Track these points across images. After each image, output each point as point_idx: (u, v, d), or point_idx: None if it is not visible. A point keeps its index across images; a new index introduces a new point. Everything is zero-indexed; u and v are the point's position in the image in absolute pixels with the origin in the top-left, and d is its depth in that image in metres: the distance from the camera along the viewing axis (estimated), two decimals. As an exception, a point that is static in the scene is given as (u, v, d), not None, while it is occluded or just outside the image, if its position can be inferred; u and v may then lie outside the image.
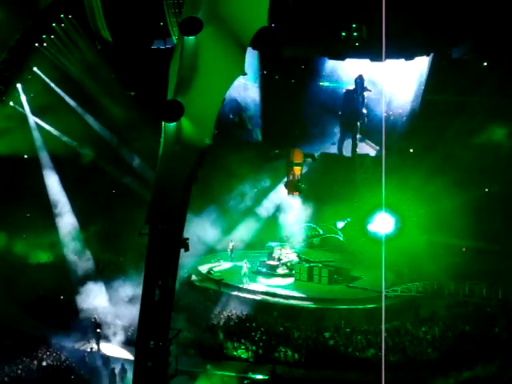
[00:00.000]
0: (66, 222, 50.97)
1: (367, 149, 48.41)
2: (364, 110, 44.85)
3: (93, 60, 53.20)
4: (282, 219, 52.70)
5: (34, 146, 52.72)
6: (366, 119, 45.27)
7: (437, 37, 44.14)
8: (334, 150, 46.78)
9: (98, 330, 38.00)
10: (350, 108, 44.79)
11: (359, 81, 43.85)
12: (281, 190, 52.13)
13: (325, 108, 45.08)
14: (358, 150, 46.86)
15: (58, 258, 50.66)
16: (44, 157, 52.73)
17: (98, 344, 38.21)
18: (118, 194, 57.79)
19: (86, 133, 53.78)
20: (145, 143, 47.36)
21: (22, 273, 47.10)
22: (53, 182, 52.25)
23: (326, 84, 44.72)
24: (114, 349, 38.21)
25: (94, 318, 39.41)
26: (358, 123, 45.29)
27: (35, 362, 35.71)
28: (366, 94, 44.48)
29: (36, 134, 52.95)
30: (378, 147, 45.65)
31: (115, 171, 55.60)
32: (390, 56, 39.39)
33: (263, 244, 52.32)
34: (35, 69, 51.39)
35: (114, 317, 39.92)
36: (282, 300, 44.24)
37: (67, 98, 53.74)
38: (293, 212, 52.27)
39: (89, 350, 37.77)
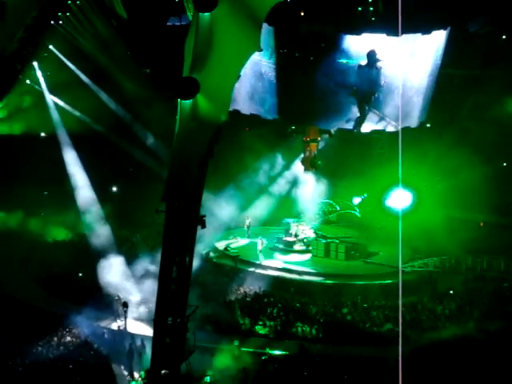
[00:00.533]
0: (85, 199, 51.20)
1: (385, 125, 48.16)
2: (382, 83, 44.49)
3: (108, 37, 53.11)
4: (298, 195, 52.66)
5: (51, 124, 52.90)
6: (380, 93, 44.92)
7: (453, 10, 43.72)
8: (350, 126, 46.49)
9: (125, 309, 38.02)
10: (365, 83, 44.44)
11: (372, 54, 43.45)
12: (297, 166, 52.05)
13: (341, 84, 44.78)
14: (370, 124, 46.45)
15: (77, 235, 51.03)
16: (61, 134, 52.89)
17: (125, 322, 38.24)
18: (134, 171, 57.94)
19: (101, 110, 53.84)
20: (160, 120, 47.51)
21: (40, 250, 47.29)
22: (70, 159, 52.43)
23: (343, 60, 44.37)
24: (134, 325, 38.40)
25: (118, 296, 39.49)
26: (373, 97, 44.94)
27: (55, 339, 35.98)
28: (379, 64, 44.06)
29: (53, 112, 53.13)
30: (394, 123, 45.33)
31: (131, 149, 55.71)
32: (406, 31, 39.10)
33: (280, 220, 52.36)
34: (51, 47, 51.40)
35: (133, 293, 40.13)
36: (298, 276, 44.36)
37: (83, 76, 53.79)
38: (309, 188, 52.22)
39: (115, 327, 37.88)
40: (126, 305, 37.75)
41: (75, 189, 51.12)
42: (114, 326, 38.27)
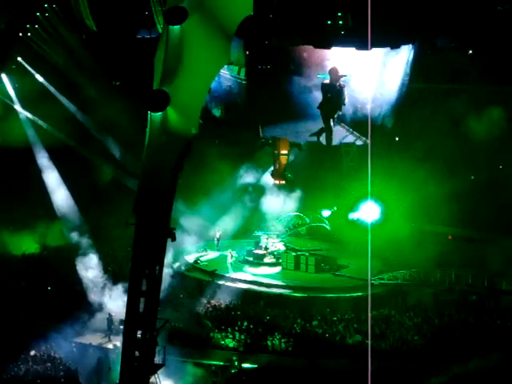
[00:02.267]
0: (56, 211, 51.00)
1: (353, 138, 48.42)
2: (345, 99, 44.74)
3: (77, 49, 52.93)
4: (268, 208, 52.65)
5: (20, 136, 52.51)
6: (342, 109, 45.19)
7: (421, 26, 44.17)
8: (319, 139, 46.73)
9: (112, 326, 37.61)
10: (328, 99, 44.72)
11: (334, 72, 43.79)
12: (267, 179, 52.08)
13: (309, 98, 45.03)
14: (339, 137, 46.75)
15: (45, 248, 50.61)
16: (33, 146, 52.68)
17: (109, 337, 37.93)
18: (103, 184, 57.61)
19: (70, 122, 53.56)
20: (130, 133, 47.31)
21: (8, 264, 46.83)
22: (46, 172, 52.31)
23: (313, 74, 44.59)
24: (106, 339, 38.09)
25: (109, 314, 38.99)
26: (337, 113, 45.22)
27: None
28: (342, 82, 44.39)
29: (23, 124, 52.82)
30: (364, 137, 45.66)
31: (100, 162, 55.44)
32: (375, 44, 39.40)
33: (250, 233, 52.32)
34: (20, 59, 51.10)
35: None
36: (268, 289, 44.29)
37: (51, 88, 53.50)
38: (279, 201, 52.25)
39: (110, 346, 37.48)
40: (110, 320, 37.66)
41: (47, 201, 50.91)
42: (109, 344, 37.75)
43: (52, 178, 52.98)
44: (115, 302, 39.38)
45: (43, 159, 53.30)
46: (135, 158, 48.23)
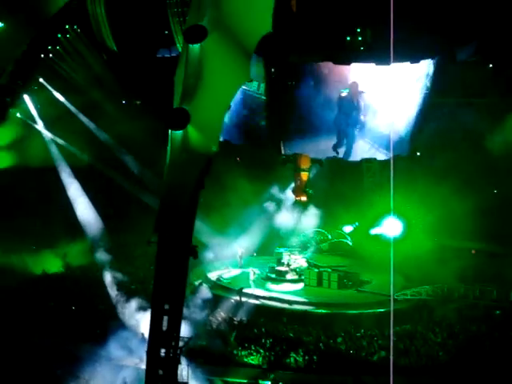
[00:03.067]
0: (81, 230, 51.37)
1: (376, 153, 48.33)
2: (362, 117, 44.69)
3: (98, 70, 53.35)
4: (289, 225, 52.61)
5: (43, 156, 52.98)
6: (362, 124, 45.08)
7: (442, 39, 44.06)
8: (340, 155, 46.67)
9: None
10: (345, 114, 44.73)
11: (353, 86, 43.75)
12: (289, 195, 52.08)
13: (331, 115, 45.03)
14: (361, 152, 46.62)
15: (69, 268, 50.88)
16: (57, 166, 53.19)
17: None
18: (125, 203, 57.86)
19: (92, 142, 54.02)
20: (151, 152, 47.55)
21: (32, 284, 47.07)
22: (69, 190, 52.75)
23: (333, 90, 44.61)
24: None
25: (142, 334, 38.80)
26: (355, 128, 45.13)
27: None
28: (361, 100, 44.40)
29: (46, 144, 53.35)
30: (385, 151, 45.49)
31: (123, 181, 55.75)
32: (395, 60, 39.30)
33: (272, 250, 52.28)
34: (41, 80, 51.58)
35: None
36: (291, 306, 44.18)
37: (73, 109, 53.96)
38: (301, 217, 52.21)
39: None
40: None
41: (70, 219, 51.24)
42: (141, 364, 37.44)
43: (75, 196, 53.41)
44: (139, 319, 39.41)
45: (66, 178, 53.74)
46: (156, 177, 48.53)
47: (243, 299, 44.43)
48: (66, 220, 52.72)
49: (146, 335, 35.79)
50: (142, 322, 37.75)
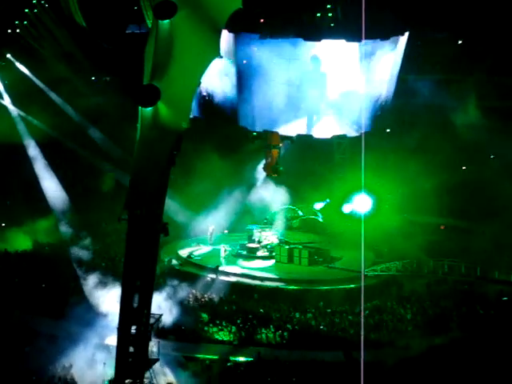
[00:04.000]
0: (49, 207, 51.01)
1: (346, 129, 48.42)
2: (327, 88, 44.60)
3: (67, 45, 52.83)
4: (260, 202, 52.67)
5: (11, 132, 52.45)
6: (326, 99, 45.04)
7: (411, 16, 44.19)
8: (309, 131, 46.67)
9: None
10: (311, 88, 44.66)
11: (314, 59, 43.66)
12: (259, 172, 52.07)
13: (300, 91, 44.97)
14: (331, 129, 46.66)
15: (38, 245, 50.57)
16: (25, 143, 52.71)
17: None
18: (94, 180, 57.55)
19: (60, 118, 53.56)
20: (122, 129, 47.28)
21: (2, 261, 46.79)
22: (37, 167, 52.33)
23: (302, 66, 44.50)
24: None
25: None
26: (321, 102, 45.10)
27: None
28: (323, 69, 44.31)
29: (14, 121, 52.83)
30: (355, 126, 45.58)
31: (91, 157, 55.41)
32: (365, 36, 39.34)
33: (243, 227, 52.34)
34: (9, 55, 50.97)
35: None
36: (262, 282, 44.35)
37: (41, 85, 53.42)
38: (271, 194, 52.27)
39: None
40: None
41: (39, 197, 50.88)
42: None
43: (43, 173, 52.99)
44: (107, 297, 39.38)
45: (34, 155, 53.31)
46: (126, 153, 48.27)
47: (213, 276, 44.49)
48: (35, 197, 52.38)
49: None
50: (109, 299, 37.71)
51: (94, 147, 55.82)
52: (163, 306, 36.70)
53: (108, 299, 38.40)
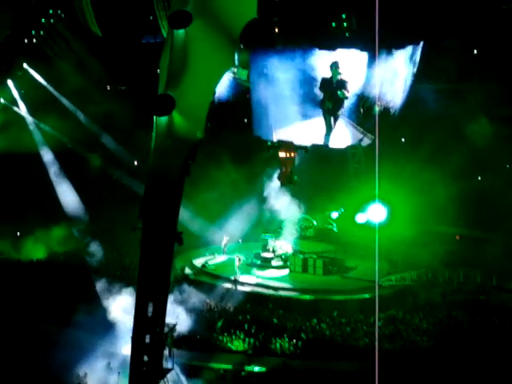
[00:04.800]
0: (65, 216, 51.24)
1: (361, 138, 48.31)
2: (347, 94, 44.51)
3: (83, 55, 53.09)
4: (275, 211, 52.64)
5: (27, 142, 52.75)
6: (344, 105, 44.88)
7: (426, 25, 44.14)
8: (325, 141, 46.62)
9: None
10: (329, 95, 44.57)
11: (334, 66, 43.59)
12: (274, 182, 52.04)
13: (314, 100, 44.97)
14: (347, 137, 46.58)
15: (53, 254, 50.74)
16: (42, 152, 52.98)
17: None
18: (110, 189, 57.74)
19: (76, 128, 53.81)
20: (137, 138, 47.43)
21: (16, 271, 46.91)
22: (54, 176, 52.57)
23: (319, 76, 44.53)
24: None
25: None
26: (340, 110, 45.00)
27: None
28: (343, 77, 44.25)
29: (31, 130, 53.12)
30: (371, 136, 45.49)
31: (107, 167, 55.61)
32: (380, 46, 39.33)
33: (258, 236, 52.32)
34: (25, 65, 51.28)
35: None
36: (276, 292, 44.28)
37: (57, 94, 53.71)
38: (286, 204, 52.23)
39: None
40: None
41: (54, 206, 51.07)
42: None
43: (58, 182, 53.23)
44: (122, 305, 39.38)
45: (49, 163, 53.55)
46: (142, 163, 48.47)
47: (228, 285, 44.48)
48: (50, 206, 52.56)
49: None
50: (123, 308, 37.77)
51: (109, 156, 56.02)
52: (177, 315, 36.69)
53: (122, 308, 38.53)
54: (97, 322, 38.06)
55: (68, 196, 53.65)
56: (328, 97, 43.66)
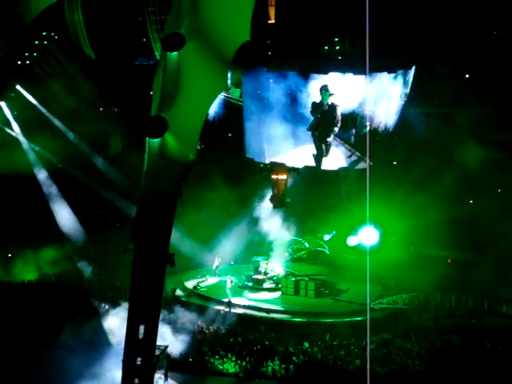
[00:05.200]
0: (57, 237, 51.10)
1: (354, 160, 48.43)
2: (338, 120, 44.63)
3: (76, 76, 53.18)
4: (267, 233, 52.60)
5: (19, 163, 52.68)
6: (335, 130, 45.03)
7: (418, 50, 44.44)
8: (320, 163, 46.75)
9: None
10: (320, 119, 44.72)
11: (323, 89, 43.71)
12: (266, 204, 52.06)
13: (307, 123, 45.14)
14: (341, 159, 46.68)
15: (44, 276, 50.52)
16: (36, 174, 52.98)
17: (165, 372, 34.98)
18: (102, 211, 57.64)
19: (68, 150, 53.81)
20: (129, 160, 47.47)
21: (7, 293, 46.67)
22: (46, 198, 52.54)
23: (311, 99, 44.70)
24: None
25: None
26: (331, 133, 45.11)
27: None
28: (333, 100, 44.37)
29: (23, 151, 53.15)
30: (363, 157, 45.62)
31: (99, 188, 55.56)
32: (372, 69, 39.56)
33: (249, 259, 52.23)
34: (18, 87, 51.33)
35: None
36: (268, 314, 44.14)
37: (50, 116, 53.76)
38: (278, 226, 52.21)
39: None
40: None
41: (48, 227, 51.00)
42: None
43: (52, 203, 53.17)
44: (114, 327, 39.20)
45: (42, 184, 53.51)
46: (134, 185, 48.39)
47: (219, 307, 44.31)
48: (42, 226, 52.42)
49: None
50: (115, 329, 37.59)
51: (101, 178, 55.99)
52: (168, 338, 36.55)
53: (113, 330, 38.39)
54: (87, 343, 37.86)
55: (60, 216, 53.51)
56: (316, 122, 43.82)
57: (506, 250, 46.74)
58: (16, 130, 53.61)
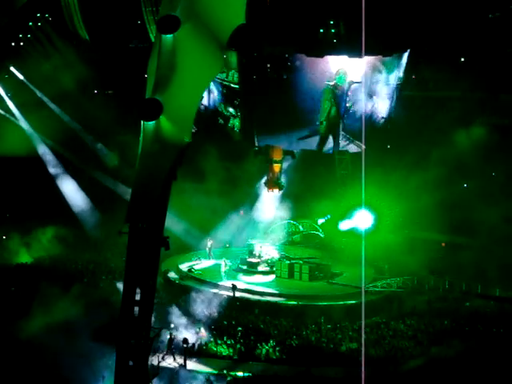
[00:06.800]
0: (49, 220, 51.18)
1: (349, 146, 48.50)
2: (349, 107, 44.66)
3: (70, 59, 52.99)
4: (262, 216, 52.71)
5: (14, 145, 52.63)
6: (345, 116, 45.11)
7: (413, 33, 44.35)
8: (313, 146, 46.78)
9: (185, 345, 36.70)
10: (332, 104, 44.65)
11: (342, 75, 43.51)
12: (261, 187, 52.16)
13: (305, 105, 45.08)
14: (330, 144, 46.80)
15: (38, 258, 50.54)
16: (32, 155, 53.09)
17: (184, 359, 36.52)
18: (96, 193, 57.54)
19: (62, 132, 53.71)
20: (124, 142, 47.41)
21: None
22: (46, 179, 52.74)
23: (306, 81, 44.64)
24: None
25: (170, 334, 37.65)
26: (342, 118, 45.07)
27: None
28: (352, 87, 44.21)
29: (15, 131, 53.13)
30: (358, 143, 45.70)
31: (93, 171, 55.56)
32: (367, 52, 39.53)
33: (244, 241, 52.33)
34: (12, 68, 51.17)
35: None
36: (262, 297, 44.25)
37: (44, 97, 53.62)
38: (273, 209, 52.31)
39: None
40: (186, 341, 36.84)
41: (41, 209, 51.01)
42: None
43: (48, 185, 53.19)
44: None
45: (36, 166, 53.48)
46: (129, 167, 48.36)
47: (214, 290, 44.39)
48: (35, 210, 52.38)
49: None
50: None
51: (96, 160, 55.96)
52: (164, 320, 36.65)
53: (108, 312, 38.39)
54: (80, 326, 37.88)
55: (60, 199, 53.60)
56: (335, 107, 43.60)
57: (499, 234, 46.86)
58: (10, 110, 53.53)
